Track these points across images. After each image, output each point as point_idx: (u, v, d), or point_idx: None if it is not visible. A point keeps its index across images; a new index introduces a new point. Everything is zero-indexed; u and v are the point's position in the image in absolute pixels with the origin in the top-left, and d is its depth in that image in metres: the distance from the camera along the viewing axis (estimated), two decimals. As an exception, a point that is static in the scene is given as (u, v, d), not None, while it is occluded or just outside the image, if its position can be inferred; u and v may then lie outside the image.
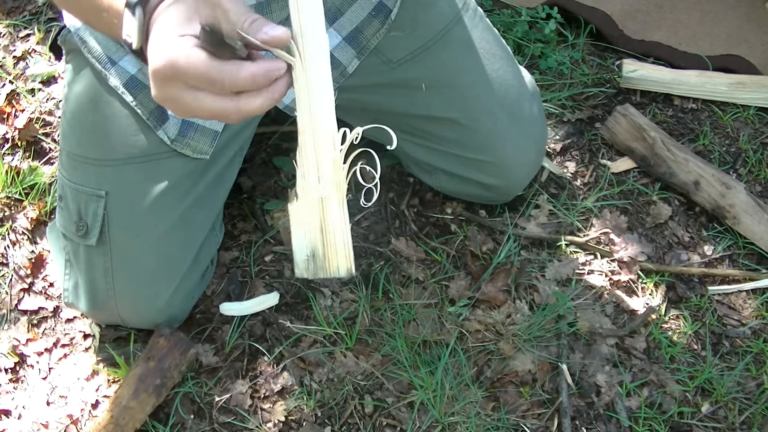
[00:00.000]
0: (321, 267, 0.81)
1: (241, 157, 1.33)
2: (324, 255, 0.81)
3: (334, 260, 0.81)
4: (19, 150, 1.54)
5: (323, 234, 0.81)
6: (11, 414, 1.23)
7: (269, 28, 0.73)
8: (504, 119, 1.29)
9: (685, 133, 1.53)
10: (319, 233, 0.81)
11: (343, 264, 0.81)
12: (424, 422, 1.19)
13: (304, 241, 0.81)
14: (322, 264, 0.81)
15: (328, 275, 0.81)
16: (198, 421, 1.20)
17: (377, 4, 1.21)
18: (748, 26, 1.65)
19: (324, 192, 0.80)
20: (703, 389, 1.23)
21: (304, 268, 0.82)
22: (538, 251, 1.38)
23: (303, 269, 0.82)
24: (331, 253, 0.81)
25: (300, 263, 0.82)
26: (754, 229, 1.37)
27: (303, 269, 0.82)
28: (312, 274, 0.82)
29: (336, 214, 0.80)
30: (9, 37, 1.74)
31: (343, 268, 0.81)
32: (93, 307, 1.23)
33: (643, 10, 1.69)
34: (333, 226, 0.80)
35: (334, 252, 0.81)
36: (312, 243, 0.81)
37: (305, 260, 0.81)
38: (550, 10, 1.65)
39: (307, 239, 0.81)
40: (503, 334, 1.27)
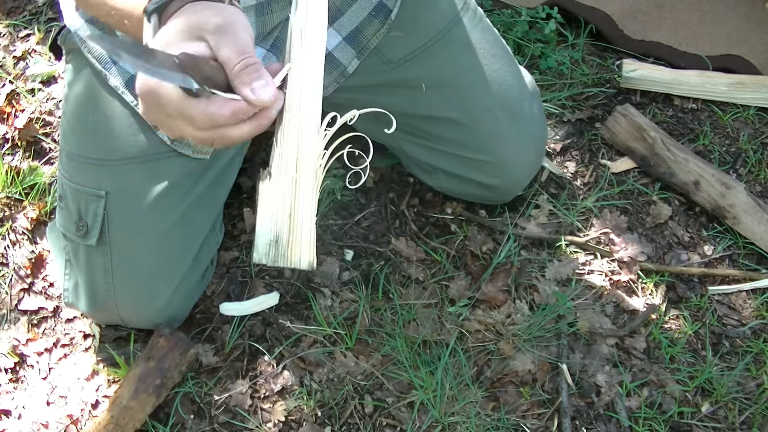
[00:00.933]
0: (282, 255, 0.77)
1: (241, 157, 1.33)
2: (288, 242, 0.76)
3: (297, 250, 0.77)
4: (19, 150, 1.54)
5: (291, 220, 0.76)
6: (11, 414, 1.23)
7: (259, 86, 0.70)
8: (504, 119, 1.29)
9: (685, 133, 1.53)
10: (286, 218, 0.76)
11: (306, 255, 0.77)
12: (424, 422, 1.19)
13: (270, 224, 0.76)
14: (284, 252, 0.77)
15: (288, 265, 0.77)
16: (198, 421, 1.20)
17: (377, 4, 1.21)
18: (748, 26, 1.65)
19: (300, 175, 0.75)
20: (703, 389, 1.23)
21: (264, 253, 0.77)
22: (538, 251, 1.38)
23: (263, 254, 0.77)
24: (295, 242, 0.76)
25: (260, 247, 0.77)
26: (754, 229, 1.37)
27: (263, 254, 0.77)
28: (271, 261, 0.77)
29: (307, 202, 0.76)
30: (9, 37, 1.74)
31: (305, 260, 0.77)
32: (93, 307, 1.23)
33: (643, 10, 1.69)
34: (302, 213, 0.76)
35: (299, 241, 0.76)
36: (277, 227, 0.76)
37: (267, 245, 0.77)
38: (550, 10, 1.65)
39: (273, 222, 0.76)
40: (503, 334, 1.27)
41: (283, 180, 0.76)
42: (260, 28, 1.13)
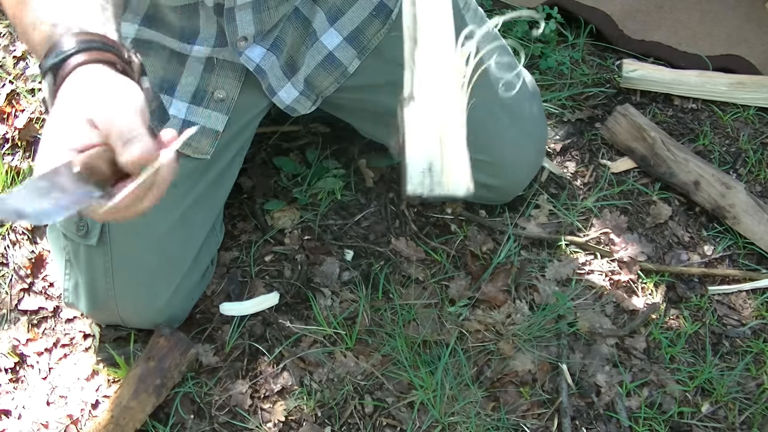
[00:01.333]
0: (438, 183, 0.71)
1: (242, 157, 1.33)
2: (442, 169, 0.71)
3: (453, 176, 0.71)
4: (19, 150, 1.54)
5: (442, 144, 0.71)
6: (11, 414, 1.23)
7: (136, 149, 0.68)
8: (504, 119, 1.29)
9: (685, 133, 1.53)
10: (437, 143, 0.71)
11: (462, 180, 0.71)
12: (424, 422, 1.19)
13: (421, 152, 0.71)
14: (439, 179, 0.71)
15: (446, 192, 0.71)
16: (198, 421, 1.20)
17: (378, 4, 1.21)
18: (748, 26, 1.65)
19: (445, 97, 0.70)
20: (703, 389, 1.23)
21: (418, 183, 0.71)
22: (538, 251, 1.38)
23: (418, 184, 0.71)
24: (450, 167, 0.71)
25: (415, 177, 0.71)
26: (754, 229, 1.37)
27: (418, 184, 0.71)
28: (428, 190, 0.72)
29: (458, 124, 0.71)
30: (9, 37, 1.74)
31: (463, 185, 0.71)
32: (93, 307, 1.23)
33: (643, 10, 1.69)
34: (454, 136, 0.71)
35: (453, 166, 0.71)
36: (429, 155, 0.71)
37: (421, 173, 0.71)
38: (550, 10, 1.65)
39: (425, 149, 0.71)
40: (503, 334, 1.27)
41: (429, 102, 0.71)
42: (258, 25, 1.12)
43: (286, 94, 1.23)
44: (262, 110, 1.29)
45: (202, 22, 1.11)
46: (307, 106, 1.27)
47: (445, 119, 0.70)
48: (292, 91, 1.23)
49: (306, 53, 1.20)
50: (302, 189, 1.44)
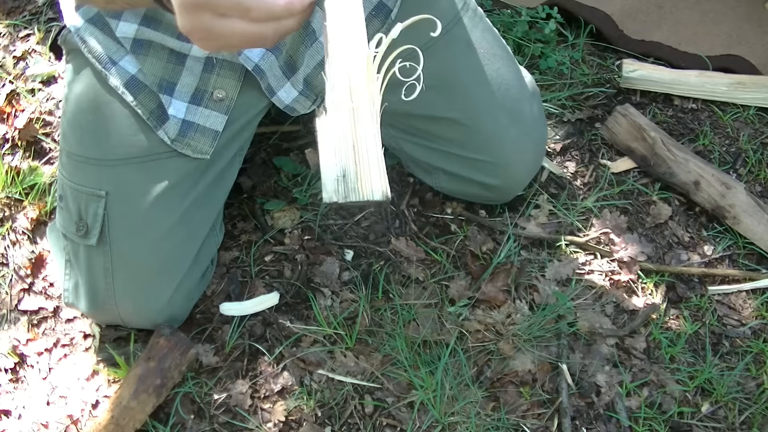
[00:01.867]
0: (353, 189, 0.72)
1: (241, 156, 1.33)
2: (356, 175, 0.72)
3: (368, 181, 0.72)
4: (19, 150, 1.54)
5: (355, 151, 0.72)
6: (11, 414, 1.23)
7: None
8: (504, 119, 1.29)
9: (685, 133, 1.53)
10: (350, 150, 0.72)
11: (378, 185, 0.72)
12: (424, 422, 1.19)
13: (334, 160, 0.72)
14: (354, 185, 0.72)
15: (361, 198, 0.72)
16: (198, 421, 1.20)
17: (377, 4, 1.21)
18: (748, 26, 1.65)
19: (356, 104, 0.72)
20: (703, 389, 1.23)
21: (333, 191, 0.73)
22: (538, 251, 1.38)
23: (332, 192, 0.73)
24: (364, 173, 0.72)
25: (328, 185, 0.72)
26: (754, 229, 1.37)
27: (332, 192, 0.73)
28: (342, 197, 0.72)
29: (370, 130, 0.72)
30: (9, 37, 1.74)
31: (378, 189, 0.72)
32: (93, 307, 1.23)
33: (643, 10, 1.69)
34: (366, 142, 0.72)
35: (368, 171, 0.72)
36: (343, 162, 0.72)
37: (334, 181, 0.72)
38: (550, 10, 1.65)
39: (338, 158, 0.72)
40: (503, 334, 1.27)
41: (340, 112, 0.72)
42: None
43: (285, 94, 1.23)
44: (262, 110, 1.29)
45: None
46: (307, 106, 1.27)
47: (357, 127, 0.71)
48: (291, 91, 1.23)
49: (305, 53, 1.20)
50: (302, 189, 1.44)
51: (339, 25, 0.72)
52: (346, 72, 0.72)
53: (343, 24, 0.72)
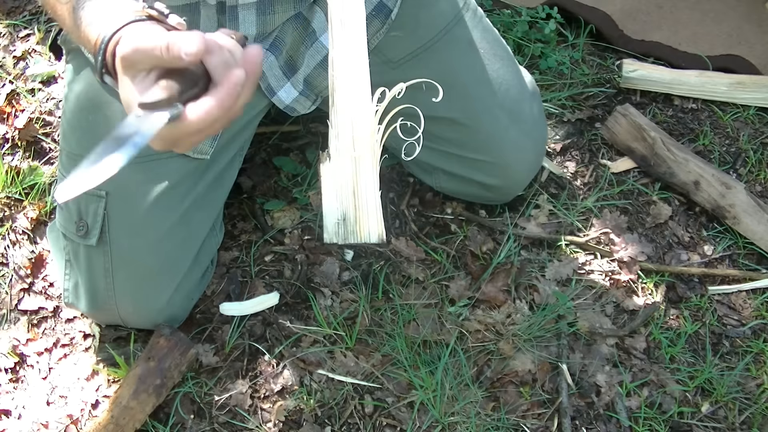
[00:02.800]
0: (351, 231, 0.78)
1: (241, 157, 1.33)
2: (355, 219, 0.78)
3: (366, 224, 0.78)
4: (19, 150, 1.54)
5: (355, 197, 0.78)
6: (11, 414, 1.23)
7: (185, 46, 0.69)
8: (504, 119, 1.29)
9: (685, 133, 1.53)
10: (351, 196, 0.78)
11: (375, 229, 0.78)
12: (424, 422, 1.19)
13: (335, 204, 0.78)
14: (353, 228, 0.78)
15: (359, 240, 0.78)
16: (198, 421, 1.20)
17: (377, 4, 1.21)
18: (748, 26, 1.65)
19: (358, 153, 0.77)
20: (703, 389, 1.23)
21: (333, 233, 0.79)
22: (538, 251, 1.38)
23: (332, 234, 0.79)
24: (363, 217, 0.78)
25: (329, 227, 0.79)
26: (754, 229, 1.37)
27: (332, 234, 0.79)
28: (342, 239, 0.79)
29: (369, 178, 0.78)
30: (9, 37, 1.74)
31: (375, 233, 0.78)
32: (93, 307, 1.23)
33: (643, 10, 1.69)
34: (365, 189, 0.78)
35: (366, 216, 0.78)
36: (343, 206, 0.78)
37: (335, 224, 0.79)
38: (550, 10, 1.65)
39: (339, 202, 0.78)
40: (503, 334, 1.27)
41: (343, 160, 0.78)
42: (260, 27, 1.12)
43: (285, 94, 1.23)
44: (262, 110, 1.29)
45: (202, 21, 1.11)
46: (307, 106, 1.27)
47: (358, 175, 0.77)
48: (291, 91, 1.23)
49: (305, 53, 1.20)
50: (302, 189, 1.44)
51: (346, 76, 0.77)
52: (350, 122, 0.77)
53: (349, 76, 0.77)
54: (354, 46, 0.78)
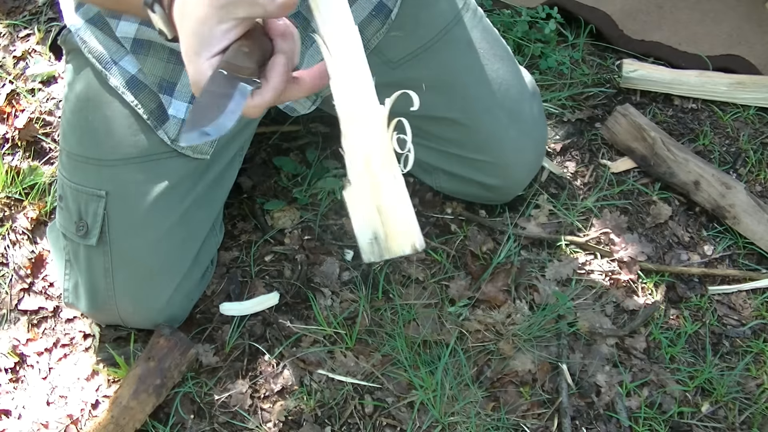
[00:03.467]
0: (385, 248, 0.79)
1: (241, 157, 1.33)
2: (386, 235, 0.79)
3: (397, 239, 0.79)
4: (19, 150, 1.54)
5: (381, 214, 0.79)
6: (11, 414, 1.23)
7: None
8: (504, 119, 1.29)
9: (685, 133, 1.53)
10: (376, 215, 0.79)
11: (407, 241, 0.79)
12: (424, 422, 1.19)
13: (364, 225, 0.80)
14: (386, 245, 0.79)
15: (394, 255, 0.79)
16: (198, 421, 1.20)
17: (377, 4, 1.21)
18: (748, 26, 1.65)
19: (374, 171, 0.79)
20: (703, 389, 1.23)
21: (369, 252, 0.80)
22: (538, 251, 1.38)
23: (369, 253, 0.80)
24: (392, 233, 0.79)
25: (365, 248, 0.80)
26: (754, 229, 1.37)
27: (369, 253, 0.80)
28: (378, 257, 0.80)
29: (390, 192, 0.79)
30: (9, 37, 1.74)
31: (408, 245, 0.79)
32: (93, 307, 1.23)
33: (643, 10, 1.69)
34: (389, 204, 0.79)
35: (395, 231, 0.79)
36: (372, 225, 0.79)
37: (369, 244, 0.80)
38: (550, 10, 1.65)
39: (366, 223, 0.79)
40: (503, 334, 1.27)
41: (361, 181, 0.79)
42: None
43: (285, 94, 1.23)
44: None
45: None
46: (307, 106, 1.27)
47: (380, 193, 0.79)
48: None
49: (305, 53, 1.20)
50: (302, 189, 1.44)
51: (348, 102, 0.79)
52: (361, 146, 0.79)
53: (352, 101, 0.80)
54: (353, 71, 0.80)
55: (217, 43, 0.76)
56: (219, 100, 0.74)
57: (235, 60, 0.76)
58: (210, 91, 0.75)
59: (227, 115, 0.74)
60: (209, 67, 0.76)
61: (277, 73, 0.77)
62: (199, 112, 0.74)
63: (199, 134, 0.74)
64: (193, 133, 0.73)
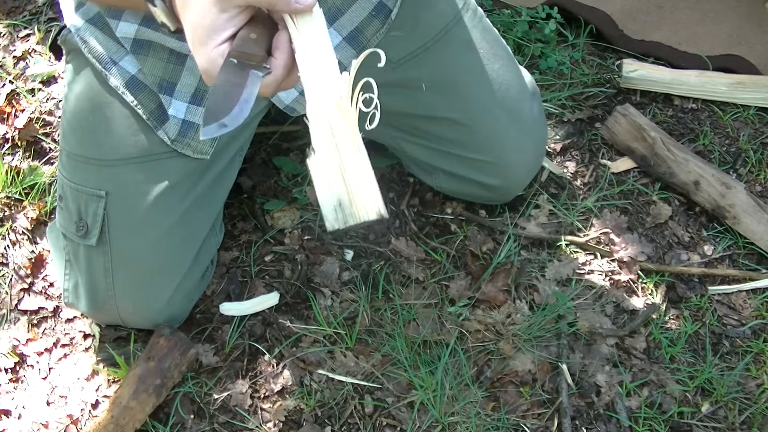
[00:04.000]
0: (349, 214, 0.80)
1: (241, 157, 1.33)
2: (350, 201, 0.80)
3: (361, 203, 0.80)
4: (19, 150, 1.54)
5: (344, 181, 0.80)
6: (11, 414, 1.23)
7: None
8: (504, 119, 1.29)
9: (685, 133, 1.53)
10: (341, 180, 0.80)
11: (371, 205, 0.80)
12: (424, 422, 1.19)
13: (328, 192, 0.81)
14: (350, 210, 0.80)
15: (359, 220, 0.80)
16: (198, 421, 1.20)
17: (377, 4, 1.21)
18: (748, 26, 1.65)
19: (338, 139, 0.80)
20: (703, 389, 1.23)
21: (333, 219, 0.81)
22: (538, 251, 1.38)
23: (333, 220, 0.81)
24: (357, 198, 0.80)
25: (329, 215, 0.81)
26: (754, 229, 1.37)
27: (333, 220, 0.81)
28: (342, 223, 0.81)
29: (353, 158, 0.80)
30: (9, 37, 1.74)
31: (372, 209, 0.80)
32: (93, 307, 1.23)
33: (643, 10, 1.69)
34: (352, 170, 0.80)
35: (360, 195, 0.80)
36: (336, 192, 0.80)
37: (333, 210, 0.81)
38: (550, 10, 1.65)
39: (331, 189, 0.80)
40: (503, 334, 1.27)
41: (325, 148, 0.81)
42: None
43: (285, 94, 1.23)
44: (262, 110, 1.29)
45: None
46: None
47: (343, 159, 0.80)
48: (291, 91, 1.23)
49: None
50: (302, 189, 1.44)
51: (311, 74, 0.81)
52: (324, 114, 0.81)
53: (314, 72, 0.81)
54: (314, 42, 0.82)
55: (221, 31, 0.78)
56: (233, 90, 0.76)
57: (244, 48, 0.77)
58: (222, 82, 0.76)
59: (242, 105, 0.76)
60: (219, 55, 0.78)
61: (284, 51, 0.79)
62: (214, 103, 0.75)
63: (217, 126, 0.75)
64: (211, 126, 0.75)
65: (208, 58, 0.78)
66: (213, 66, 0.78)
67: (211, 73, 0.78)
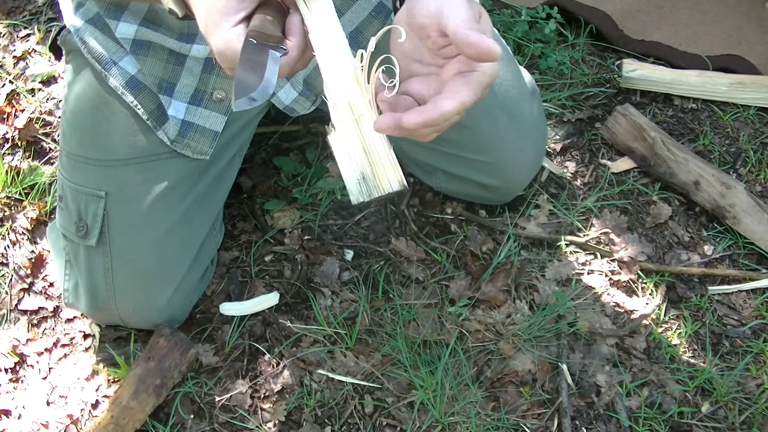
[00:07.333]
0: (373, 186, 0.83)
1: (241, 157, 1.33)
2: (373, 174, 0.82)
3: (384, 176, 0.82)
4: (19, 150, 1.54)
5: (367, 154, 0.82)
6: (11, 414, 1.23)
7: None
8: (504, 119, 1.29)
9: (685, 133, 1.53)
10: (363, 154, 0.82)
11: (394, 177, 0.82)
12: (424, 422, 1.19)
13: (351, 166, 0.83)
14: (374, 183, 0.83)
15: (383, 192, 0.82)
16: (198, 421, 1.20)
17: (377, 5, 1.21)
18: (748, 26, 1.65)
19: (357, 114, 0.82)
20: (703, 389, 1.23)
21: (357, 192, 0.83)
22: (538, 251, 1.38)
23: (357, 193, 0.83)
24: (380, 170, 0.82)
25: (353, 189, 0.83)
26: (754, 229, 1.37)
27: (357, 193, 0.83)
28: (367, 195, 0.83)
29: (374, 134, 0.82)
30: (9, 37, 1.74)
31: (395, 180, 0.82)
32: (93, 307, 1.23)
33: (643, 10, 1.69)
34: (373, 143, 0.82)
35: (382, 168, 0.82)
36: (359, 165, 0.82)
37: (357, 184, 0.83)
38: (550, 10, 1.65)
39: (354, 163, 0.82)
40: (503, 334, 1.27)
41: (346, 125, 0.82)
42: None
43: (285, 95, 1.23)
44: (261, 110, 1.29)
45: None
46: (307, 107, 1.27)
47: (364, 134, 0.82)
48: (291, 92, 1.23)
49: None
50: (302, 189, 1.44)
51: (326, 52, 0.83)
52: (342, 91, 0.82)
53: (329, 50, 0.83)
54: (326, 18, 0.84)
55: (235, 13, 0.79)
56: (256, 68, 0.78)
57: (263, 29, 0.79)
58: (246, 60, 0.78)
59: (267, 81, 0.78)
60: (234, 36, 0.79)
61: (298, 32, 0.81)
62: (242, 79, 0.77)
63: (247, 100, 0.77)
64: (242, 99, 0.77)
65: (223, 38, 0.80)
66: (228, 47, 0.79)
67: (227, 54, 0.80)
